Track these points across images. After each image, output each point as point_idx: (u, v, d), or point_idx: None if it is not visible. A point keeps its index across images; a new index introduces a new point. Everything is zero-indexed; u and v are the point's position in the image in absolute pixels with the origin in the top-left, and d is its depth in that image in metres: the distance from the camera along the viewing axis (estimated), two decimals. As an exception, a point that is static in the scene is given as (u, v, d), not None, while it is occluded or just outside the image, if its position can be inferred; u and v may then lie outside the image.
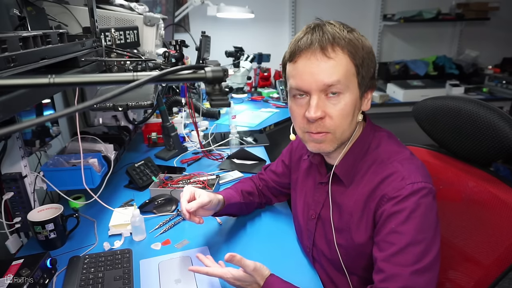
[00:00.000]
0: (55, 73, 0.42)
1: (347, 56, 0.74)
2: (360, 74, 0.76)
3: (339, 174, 0.84)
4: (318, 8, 3.19)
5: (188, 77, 0.47)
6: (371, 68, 0.78)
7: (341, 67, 0.73)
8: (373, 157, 0.82)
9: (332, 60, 0.73)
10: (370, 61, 0.77)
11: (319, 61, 0.73)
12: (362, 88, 0.78)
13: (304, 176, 0.99)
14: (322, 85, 0.73)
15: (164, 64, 1.07)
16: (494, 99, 2.87)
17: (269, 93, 2.79)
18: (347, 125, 0.77)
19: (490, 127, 0.84)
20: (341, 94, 0.75)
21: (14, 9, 0.83)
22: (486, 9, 3.25)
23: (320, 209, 0.90)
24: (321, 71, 0.73)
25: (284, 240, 1.05)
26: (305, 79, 0.75)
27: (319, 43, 0.73)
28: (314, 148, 0.81)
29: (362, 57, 0.75)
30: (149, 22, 1.38)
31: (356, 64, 0.75)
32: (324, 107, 0.75)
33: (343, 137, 0.79)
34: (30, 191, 1.09)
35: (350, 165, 0.83)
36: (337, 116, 0.76)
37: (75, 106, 0.37)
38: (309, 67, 0.74)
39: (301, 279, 0.89)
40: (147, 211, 1.20)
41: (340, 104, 0.75)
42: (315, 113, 0.74)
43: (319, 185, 0.91)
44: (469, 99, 0.91)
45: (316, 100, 0.74)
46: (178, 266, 0.94)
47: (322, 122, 0.76)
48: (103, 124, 1.61)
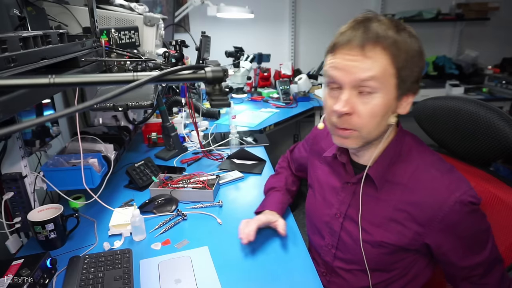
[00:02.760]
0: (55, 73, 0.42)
1: (388, 56, 0.71)
2: (400, 76, 0.73)
3: (373, 176, 0.82)
4: (318, 8, 3.19)
5: (188, 77, 0.47)
6: (414, 72, 0.75)
7: (378, 67, 0.71)
8: (409, 163, 0.81)
9: (369, 60, 0.71)
10: (415, 65, 0.74)
11: (355, 57, 0.72)
12: (401, 91, 0.75)
13: (325, 173, 0.98)
14: (355, 81, 0.72)
15: (164, 64, 1.07)
16: (494, 99, 2.87)
17: (269, 93, 2.79)
18: (375, 125, 0.76)
19: (490, 127, 0.84)
20: (373, 94, 0.73)
21: (14, 9, 0.83)
22: (486, 9, 3.25)
23: (346, 208, 0.89)
24: (356, 67, 0.72)
25: (284, 239, 1.05)
26: (339, 72, 0.74)
27: (360, 40, 0.71)
28: (338, 142, 0.81)
29: (405, 60, 0.72)
30: (149, 22, 1.38)
31: (396, 67, 0.72)
32: (354, 103, 0.74)
33: (369, 137, 0.78)
34: (30, 191, 1.09)
35: (384, 168, 0.82)
36: (365, 115, 0.74)
37: (75, 106, 0.37)
38: (345, 62, 0.73)
39: (301, 278, 0.90)
40: (147, 211, 1.20)
41: (371, 104, 0.73)
42: (343, 107, 0.73)
43: (345, 185, 0.90)
44: (469, 99, 0.91)
45: (347, 95, 0.74)
46: (178, 266, 0.94)
47: (349, 118, 0.75)
48: (103, 124, 1.61)
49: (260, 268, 0.94)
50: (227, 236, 1.08)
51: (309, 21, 3.24)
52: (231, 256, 0.98)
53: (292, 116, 2.36)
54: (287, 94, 2.62)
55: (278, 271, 0.92)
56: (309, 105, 2.57)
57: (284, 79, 2.73)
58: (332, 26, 3.23)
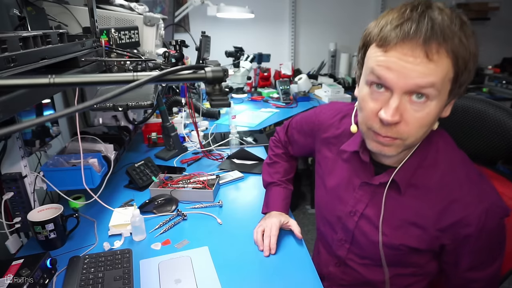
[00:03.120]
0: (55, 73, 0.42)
1: (450, 60, 0.61)
2: (458, 81, 0.65)
3: (399, 181, 0.77)
4: (318, 8, 3.19)
5: (188, 77, 0.47)
6: (470, 77, 0.66)
7: (440, 72, 0.61)
8: (436, 166, 0.76)
9: (432, 64, 0.60)
10: (473, 68, 0.65)
11: (416, 60, 0.60)
12: (452, 96, 0.68)
13: (340, 168, 0.91)
14: (411, 86, 0.62)
15: (164, 64, 1.07)
16: (494, 99, 2.86)
17: (269, 93, 2.78)
18: (422, 134, 0.69)
19: (499, 126, 0.84)
20: (428, 101, 0.63)
21: (14, 9, 0.83)
22: (486, 9, 3.25)
23: (363, 208, 0.85)
24: (415, 71, 0.60)
25: (285, 239, 1.05)
26: (393, 74, 0.62)
27: (424, 37, 0.59)
28: (375, 148, 0.72)
29: (465, 63, 0.63)
30: (149, 22, 1.38)
31: (457, 71, 0.63)
32: (404, 111, 0.64)
33: (412, 145, 0.72)
34: (30, 191, 1.09)
35: (411, 173, 0.77)
36: (414, 124, 0.65)
37: (75, 106, 0.37)
38: (402, 63, 0.61)
39: (301, 278, 0.90)
40: (147, 211, 1.20)
41: (423, 112, 0.64)
42: (393, 116, 0.63)
43: (364, 184, 0.84)
44: (477, 97, 0.92)
45: (397, 102, 0.63)
46: (178, 266, 0.94)
47: (396, 127, 0.66)
48: (103, 124, 1.61)
49: (260, 268, 0.94)
50: (227, 236, 1.08)
51: (309, 21, 3.24)
52: (231, 256, 0.98)
53: (292, 116, 2.35)
54: (287, 94, 2.62)
55: (278, 271, 0.92)
56: (309, 105, 2.57)
57: (284, 79, 2.73)
58: (332, 26, 3.27)
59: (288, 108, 2.49)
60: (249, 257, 0.98)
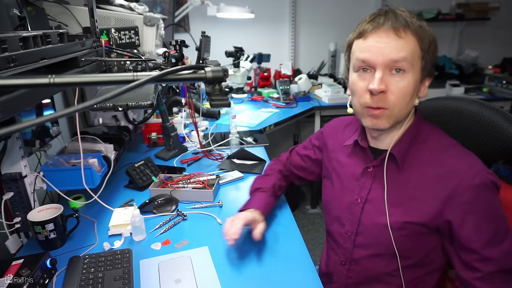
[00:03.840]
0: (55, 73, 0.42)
1: (416, 39, 0.78)
2: (425, 58, 0.79)
3: (396, 155, 0.86)
4: (318, 8, 3.19)
5: (188, 77, 0.47)
6: (435, 56, 0.82)
7: (408, 47, 0.77)
8: (428, 144, 0.85)
9: (402, 40, 0.77)
10: (435, 48, 0.81)
11: (390, 39, 0.77)
12: (424, 73, 0.81)
13: (342, 163, 0.99)
14: (388, 60, 0.77)
15: (164, 64, 1.07)
16: (494, 99, 2.86)
17: (269, 93, 2.78)
18: (405, 104, 0.80)
19: (494, 128, 0.84)
20: (405, 73, 0.78)
21: (14, 9, 0.83)
22: (486, 9, 3.25)
23: (366, 193, 0.91)
24: (390, 47, 0.77)
25: (285, 239, 1.05)
26: (373, 53, 0.78)
27: (392, 24, 0.77)
28: (370, 123, 0.83)
29: (428, 42, 0.79)
30: (149, 22, 1.38)
31: (422, 48, 0.79)
32: (387, 82, 0.78)
33: (400, 116, 0.82)
34: (30, 191, 1.09)
35: (405, 149, 0.86)
36: (398, 93, 0.78)
37: (75, 106, 0.37)
38: (379, 43, 0.78)
39: (302, 277, 0.90)
40: (147, 211, 1.20)
41: (403, 82, 0.78)
42: (379, 85, 0.77)
43: (366, 170, 0.92)
44: (472, 99, 0.92)
45: (381, 74, 0.78)
46: (178, 266, 0.94)
47: (384, 96, 0.79)
48: (103, 124, 1.61)
49: (260, 268, 0.94)
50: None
51: (309, 21, 3.24)
52: (231, 256, 0.98)
53: (292, 116, 2.36)
54: (287, 94, 2.62)
55: (278, 271, 0.92)
56: (309, 105, 2.57)
57: (284, 79, 2.73)
58: (332, 26, 3.26)
59: (288, 108, 2.49)
60: (249, 257, 0.98)
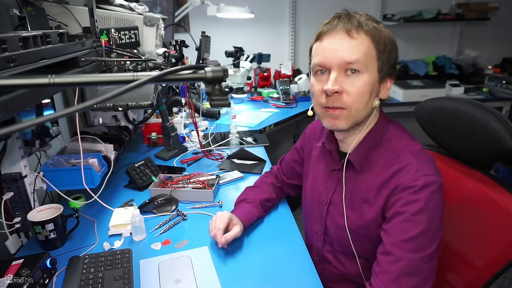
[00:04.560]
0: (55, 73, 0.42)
1: (369, 39, 0.79)
2: (381, 59, 0.80)
3: (353, 161, 0.87)
4: (318, 8, 3.18)
5: (188, 77, 0.47)
6: (392, 56, 0.82)
7: (362, 47, 0.78)
8: (387, 147, 0.85)
9: (355, 40, 0.78)
10: (392, 49, 0.82)
11: (342, 40, 0.78)
12: (382, 74, 0.81)
13: (315, 164, 1.02)
14: (342, 62, 0.78)
15: (164, 64, 1.07)
16: (494, 99, 2.86)
17: (269, 93, 2.78)
18: (363, 104, 0.81)
19: (486, 129, 0.84)
20: (359, 73, 0.78)
21: (14, 9, 0.83)
22: (486, 9, 3.24)
23: (331, 194, 0.93)
24: (342, 48, 0.78)
25: (284, 239, 1.05)
26: (327, 55, 0.80)
27: (344, 25, 0.79)
28: (329, 124, 0.84)
29: (384, 44, 0.80)
30: (149, 22, 1.38)
31: (377, 49, 0.79)
32: (342, 83, 0.79)
33: (358, 116, 0.82)
34: (30, 191, 1.09)
35: (364, 153, 0.87)
36: (354, 93, 0.79)
37: (75, 106, 0.37)
38: (332, 45, 0.79)
39: (301, 277, 0.90)
40: (147, 211, 1.20)
41: (358, 83, 0.78)
42: (333, 86, 0.78)
43: (331, 172, 0.94)
44: (468, 100, 0.91)
45: (335, 75, 0.79)
46: (178, 266, 0.94)
47: (339, 96, 0.80)
48: (103, 124, 1.61)
49: (260, 268, 0.94)
50: (227, 236, 1.08)
51: (309, 21, 3.23)
52: (231, 256, 0.98)
53: (292, 116, 2.36)
54: (287, 94, 2.62)
55: (278, 271, 0.92)
56: (309, 105, 2.57)
57: (284, 79, 2.73)
58: (332, 26, 3.26)
59: (288, 108, 2.49)
60: (249, 257, 0.98)
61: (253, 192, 1.18)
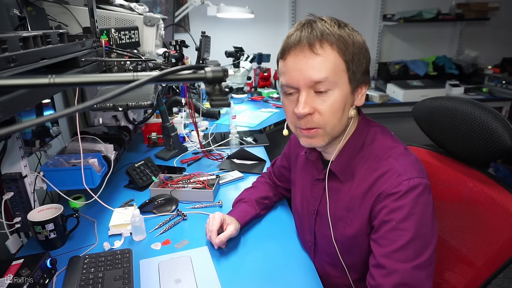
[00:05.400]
0: (55, 73, 0.42)
1: (336, 52, 0.73)
2: (351, 69, 0.75)
3: (335, 170, 0.84)
4: (318, 8, 3.19)
5: (188, 77, 0.47)
6: (362, 64, 0.77)
7: (329, 63, 0.73)
8: (368, 153, 0.82)
9: (319, 57, 0.73)
10: (362, 56, 0.77)
11: (307, 58, 0.73)
12: (354, 84, 0.77)
13: (301, 173, 1.00)
14: (309, 82, 0.74)
15: (164, 64, 1.07)
16: (494, 99, 2.87)
17: (269, 93, 2.79)
18: (337, 120, 0.77)
19: (485, 128, 0.84)
20: (329, 91, 0.75)
21: (14, 9, 0.83)
22: (486, 9, 3.25)
23: (318, 204, 0.91)
24: (309, 67, 0.73)
25: (284, 239, 1.05)
26: (293, 76, 0.75)
27: (307, 39, 0.73)
28: (306, 143, 0.82)
29: (352, 53, 0.74)
30: (149, 22, 1.38)
31: (345, 60, 0.74)
32: (313, 103, 0.75)
33: (334, 132, 0.79)
34: (30, 191, 1.09)
35: (346, 161, 0.84)
36: (326, 112, 0.76)
37: (75, 106, 0.37)
38: (297, 64, 0.74)
39: (302, 278, 0.90)
40: (147, 211, 1.20)
41: (329, 101, 0.75)
42: (303, 109, 0.75)
43: (316, 182, 0.91)
44: (466, 99, 0.91)
45: (304, 97, 0.75)
46: (178, 266, 0.94)
47: (311, 117, 0.77)
48: (103, 124, 1.61)
49: (260, 268, 0.94)
50: (227, 236, 1.08)
51: (309, 21, 3.23)
52: (231, 256, 0.98)
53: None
54: (287, 94, 2.62)
55: (278, 271, 0.92)
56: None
57: (284, 79, 2.73)
58: (332, 26, 3.26)
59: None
60: (249, 257, 0.98)
61: (249, 192, 1.18)
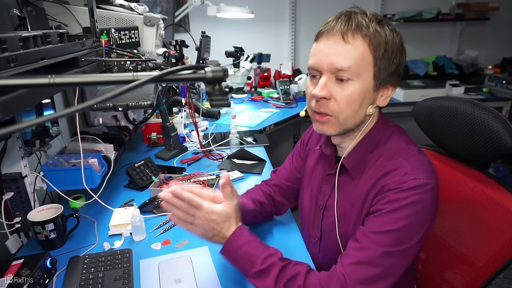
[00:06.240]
0: (55, 73, 0.42)
1: (366, 44, 0.74)
2: (378, 66, 0.75)
3: (347, 165, 0.85)
4: (318, 8, 3.18)
5: (188, 77, 0.47)
6: (393, 64, 0.77)
7: (356, 53, 0.74)
8: (381, 151, 0.82)
9: (348, 45, 0.74)
10: (394, 57, 0.77)
11: (336, 44, 0.74)
12: (378, 81, 0.77)
13: (312, 168, 1.00)
14: (332, 68, 0.75)
15: (164, 64, 1.07)
16: (494, 99, 2.86)
17: (269, 93, 2.79)
18: (351, 112, 0.78)
19: (485, 128, 0.84)
20: (350, 81, 0.75)
21: (14, 9, 0.83)
22: (486, 9, 3.25)
23: (327, 199, 0.92)
24: (335, 54, 0.74)
25: (284, 239, 1.05)
26: (319, 59, 0.77)
27: (341, 27, 0.74)
28: (317, 128, 0.83)
29: (384, 50, 0.75)
30: (149, 22, 1.38)
31: (374, 55, 0.75)
32: (331, 88, 0.76)
33: (347, 124, 0.80)
34: (30, 191, 1.09)
35: (359, 158, 0.84)
36: (342, 101, 0.76)
37: (75, 106, 0.37)
38: (326, 48, 0.76)
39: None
40: (147, 211, 1.20)
41: (348, 90, 0.75)
42: (320, 91, 0.76)
43: (327, 176, 0.92)
44: (466, 99, 0.91)
45: (325, 80, 0.76)
46: (178, 266, 0.94)
47: (327, 103, 0.77)
48: (103, 124, 1.61)
49: (260, 268, 0.93)
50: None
51: (309, 21, 3.23)
52: (231, 256, 0.98)
53: (292, 116, 2.36)
54: (287, 94, 2.62)
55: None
56: (309, 105, 2.57)
57: (284, 79, 2.73)
58: (332, 26, 3.26)
59: (288, 108, 2.49)
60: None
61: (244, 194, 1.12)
